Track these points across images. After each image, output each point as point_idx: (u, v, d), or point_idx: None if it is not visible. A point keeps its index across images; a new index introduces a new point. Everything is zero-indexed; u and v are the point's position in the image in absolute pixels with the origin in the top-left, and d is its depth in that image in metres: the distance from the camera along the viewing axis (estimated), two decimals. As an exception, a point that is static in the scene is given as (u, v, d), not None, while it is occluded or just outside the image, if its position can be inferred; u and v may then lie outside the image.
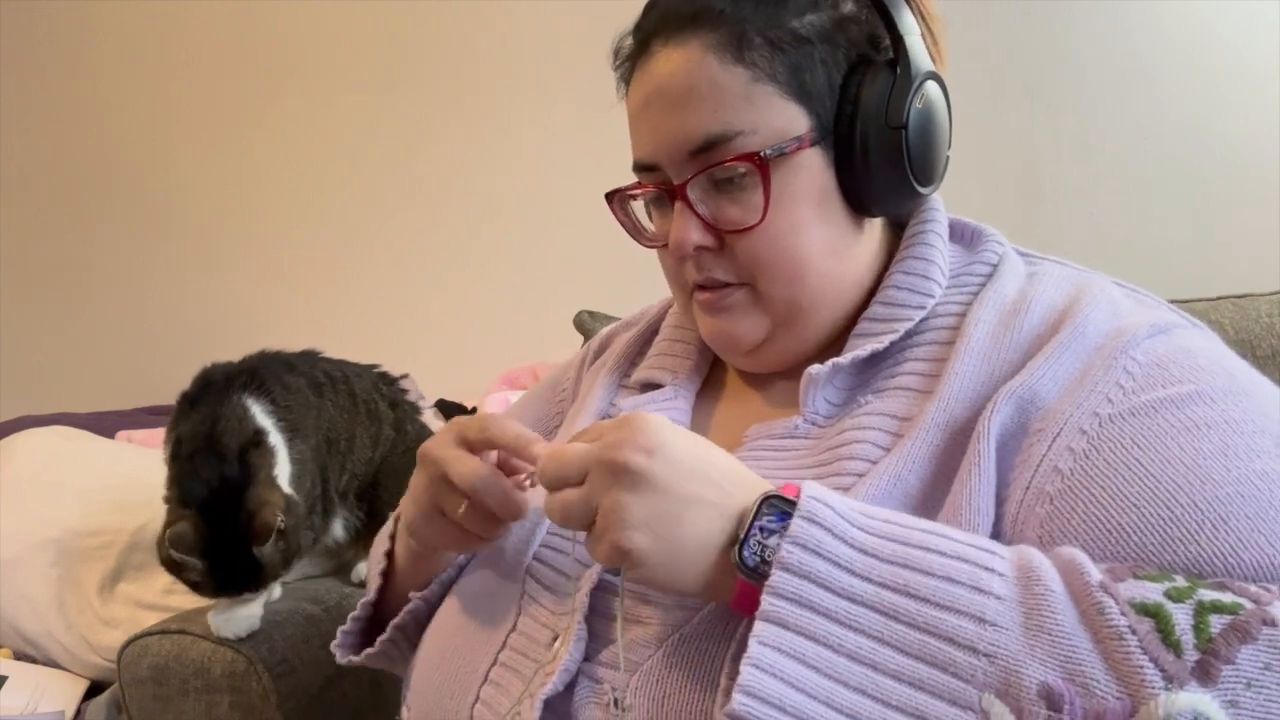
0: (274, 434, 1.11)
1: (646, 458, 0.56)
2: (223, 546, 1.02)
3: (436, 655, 0.75)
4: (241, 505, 1.03)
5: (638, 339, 0.89)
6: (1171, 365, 0.62)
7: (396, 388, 1.35)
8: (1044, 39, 1.82)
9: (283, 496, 1.06)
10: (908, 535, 0.55)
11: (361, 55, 2.24)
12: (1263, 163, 1.72)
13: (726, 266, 0.72)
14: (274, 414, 1.13)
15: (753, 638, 0.52)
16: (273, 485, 1.06)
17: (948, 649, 0.51)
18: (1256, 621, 0.50)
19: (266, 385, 1.15)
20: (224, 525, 1.02)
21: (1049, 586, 0.52)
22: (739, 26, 0.68)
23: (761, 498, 0.56)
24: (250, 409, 1.11)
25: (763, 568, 0.54)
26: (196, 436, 1.07)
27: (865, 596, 0.53)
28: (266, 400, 1.14)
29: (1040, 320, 0.67)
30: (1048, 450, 0.60)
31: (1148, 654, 0.49)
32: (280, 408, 1.14)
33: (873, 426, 0.67)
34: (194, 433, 1.08)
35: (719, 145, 0.68)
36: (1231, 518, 0.56)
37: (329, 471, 1.20)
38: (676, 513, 0.56)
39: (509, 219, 2.16)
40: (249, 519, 1.02)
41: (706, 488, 0.57)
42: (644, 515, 0.56)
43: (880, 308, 0.73)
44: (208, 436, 1.07)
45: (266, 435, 1.10)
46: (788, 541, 0.53)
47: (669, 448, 0.57)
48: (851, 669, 0.52)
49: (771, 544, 0.54)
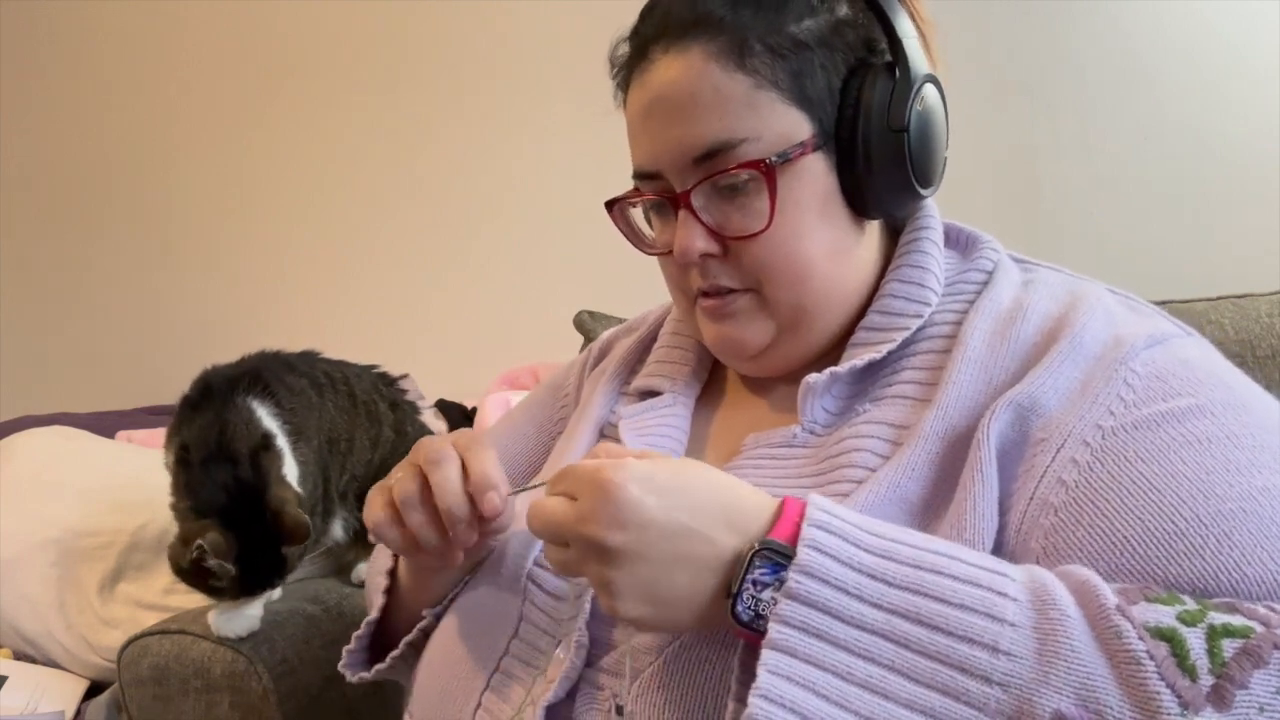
0: (280, 437, 1.11)
1: (621, 532, 0.54)
2: (252, 549, 1.02)
3: (439, 662, 0.75)
4: (263, 507, 1.03)
5: (637, 345, 0.89)
6: (1170, 378, 0.63)
7: (396, 388, 1.34)
8: (1044, 39, 1.82)
9: (296, 494, 1.06)
10: (918, 557, 0.54)
11: (361, 55, 2.24)
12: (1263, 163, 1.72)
13: (731, 273, 0.72)
14: (279, 416, 1.13)
15: (761, 665, 0.52)
16: (286, 484, 1.06)
17: (960, 678, 0.50)
18: (1268, 646, 0.50)
19: (270, 387, 1.14)
20: (248, 529, 1.02)
21: (1064, 611, 0.52)
22: (740, 34, 0.68)
23: (752, 551, 0.54)
24: (256, 412, 1.11)
25: (758, 623, 0.53)
26: (205, 443, 1.07)
27: (876, 624, 0.52)
28: (271, 403, 1.13)
29: (1036, 329, 0.67)
30: (1052, 461, 0.60)
31: (1164, 679, 0.49)
32: (285, 410, 1.14)
33: (871, 435, 0.67)
34: (202, 439, 1.07)
35: (723, 153, 0.68)
36: (1235, 533, 0.56)
37: (330, 472, 1.19)
38: (663, 576, 0.55)
39: (509, 219, 2.15)
40: (276, 520, 1.02)
41: (691, 543, 0.55)
42: (629, 585, 0.55)
43: (877, 317, 0.73)
44: (217, 442, 1.06)
45: (274, 439, 1.10)
46: (795, 570, 0.53)
47: (640, 512, 0.55)
48: (862, 697, 0.51)
49: (765, 598, 0.53)
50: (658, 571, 0.55)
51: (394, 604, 0.83)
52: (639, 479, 0.56)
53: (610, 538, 0.54)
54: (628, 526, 0.55)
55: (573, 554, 0.58)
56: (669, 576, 0.55)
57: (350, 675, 0.83)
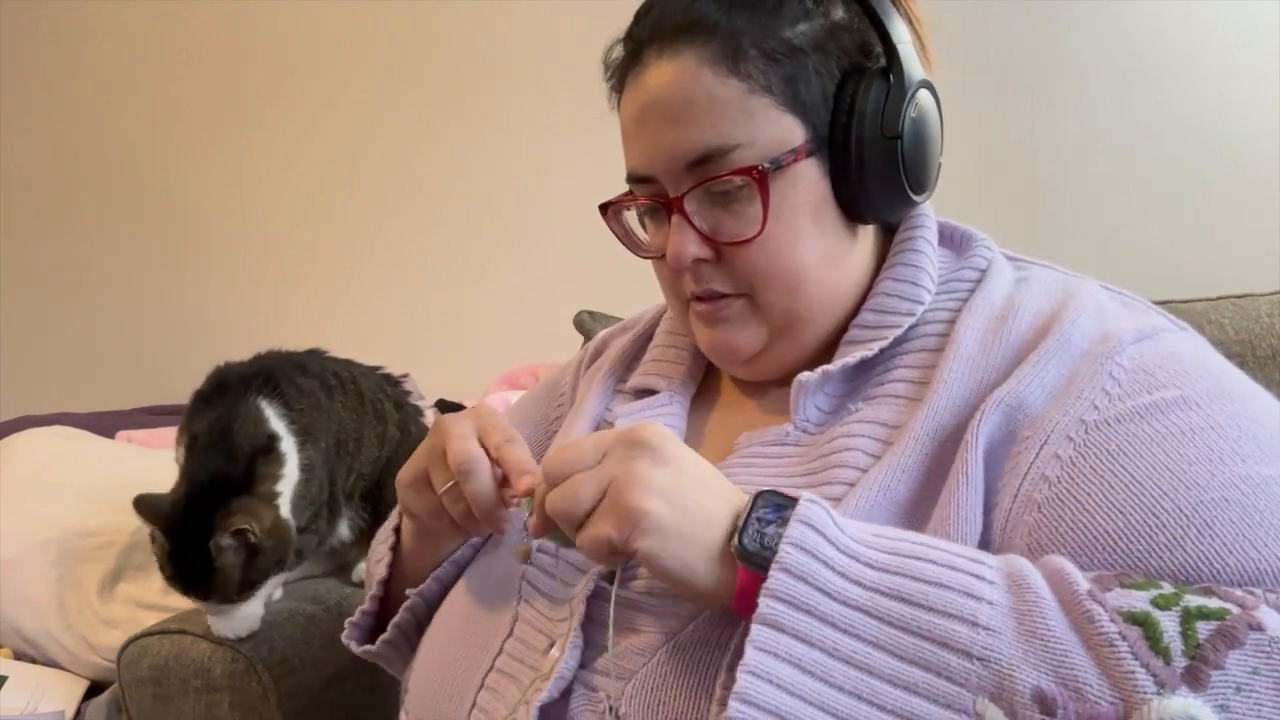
0: (286, 439, 1.11)
1: (662, 440, 0.60)
2: (190, 535, 1.02)
3: (435, 661, 0.75)
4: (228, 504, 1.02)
5: (633, 344, 0.89)
6: (1157, 371, 0.63)
7: (400, 389, 1.35)
8: (1044, 39, 1.82)
9: (273, 518, 1.05)
10: (898, 546, 0.56)
11: (362, 55, 2.24)
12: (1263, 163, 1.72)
13: (724, 278, 0.72)
14: (287, 417, 1.13)
15: (749, 642, 0.53)
16: (268, 504, 1.05)
17: (942, 653, 0.51)
18: (1243, 626, 0.50)
19: (281, 388, 1.14)
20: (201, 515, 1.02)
21: (1039, 594, 0.53)
22: (734, 38, 0.68)
23: (757, 492, 0.58)
24: (265, 412, 1.11)
25: (763, 553, 0.55)
26: (212, 432, 1.07)
27: (860, 601, 0.53)
28: (280, 403, 1.13)
29: (1028, 326, 0.67)
30: (1035, 458, 0.60)
31: (1138, 660, 0.49)
32: (294, 411, 1.14)
33: (863, 434, 0.67)
34: (210, 429, 1.08)
35: (717, 158, 0.68)
36: (1216, 523, 0.56)
37: (337, 474, 1.20)
38: (690, 489, 0.58)
39: (509, 219, 2.15)
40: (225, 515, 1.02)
41: (713, 478, 0.60)
42: (661, 484, 0.58)
43: (870, 315, 0.73)
44: (222, 434, 1.07)
45: (279, 441, 1.09)
46: (786, 543, 0.54)
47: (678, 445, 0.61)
48: (846, 673, 0.52)
49: (770, 532, 0.55)
50: (687, 482, 0.59)
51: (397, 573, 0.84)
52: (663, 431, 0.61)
53: (660, 441, 0.59)
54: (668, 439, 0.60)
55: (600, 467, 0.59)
56: (695, 492, 0.59)
57: (355, 647, 0.84)
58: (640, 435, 0.60)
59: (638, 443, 0.59)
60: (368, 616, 0.85)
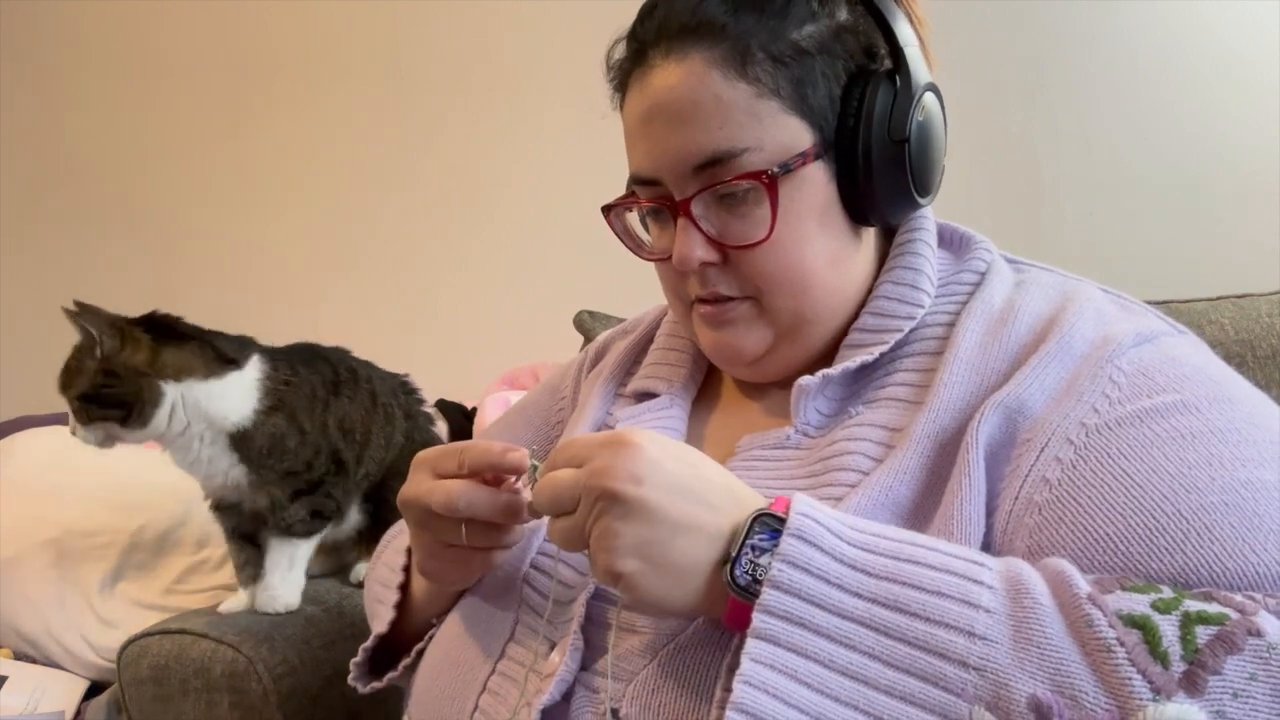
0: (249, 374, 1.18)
1: (635, 486, 0.56)
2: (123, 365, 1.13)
3: (438, 664, 0.75)
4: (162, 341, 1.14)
5: (633, 347, 0.89)
6: (1157, 374, 0.63)
7: (415, 398, 1.37)
8: (1044, 39, 1.82)
9: (144, 359, 1.15)
10: (897, 549, 0.55)
11: (361, 55, 2.24)
12: (1263, 163, 1.72)
13: (730, 281, 0.71)
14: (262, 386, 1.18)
15: (745, 654, 0.53)
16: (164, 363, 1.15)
17: (938, 663, 0.51)
18: (1242, 632, 0.50)
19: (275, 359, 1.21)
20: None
21: (1037, 599, 0.52)
22: (742, 40, 0.67)
23: (753, 516, 0.56)
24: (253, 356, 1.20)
25: (754, 587, 0.54)
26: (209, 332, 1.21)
27: (856, 612, 0.53)
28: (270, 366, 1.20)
29: (1027, 329, 0.67)
30: (1036, 460, 0.60)
31: (1135, 666, 0.49)
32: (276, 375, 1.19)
33: (864, 438, 0.67)
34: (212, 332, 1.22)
35: (724, 162, 0.67)
36: (1216, 527, 0.56)
37: (344, 455, 1.22)
38: (667, 538, 0.56)
39: (509, 219, 2.15)
40: (133, 338, 1.16)
41: (697, 509, 0.57)
42: (634, 542, 0.56)
43: (870, 318, 0.72)
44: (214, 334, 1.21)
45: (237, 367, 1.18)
46: (778, 560, 0.54)
47: (658, 472, 0.56)
48: (843, 684, 0.52)
49: (763, 563, 0.54)
50: (662, 534, 0.56)
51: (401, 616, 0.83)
52: (656, 442, 0.58)
53: (626, 489, 0.55)
54: (643, 481, 0.56)
55: (579, 513, 0.57)
56: (671, 540, 0.56)
57: (362, 687, 0.83)
58: (607, 485, 0.56)
59: (607, 495, 0.56)
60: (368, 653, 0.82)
